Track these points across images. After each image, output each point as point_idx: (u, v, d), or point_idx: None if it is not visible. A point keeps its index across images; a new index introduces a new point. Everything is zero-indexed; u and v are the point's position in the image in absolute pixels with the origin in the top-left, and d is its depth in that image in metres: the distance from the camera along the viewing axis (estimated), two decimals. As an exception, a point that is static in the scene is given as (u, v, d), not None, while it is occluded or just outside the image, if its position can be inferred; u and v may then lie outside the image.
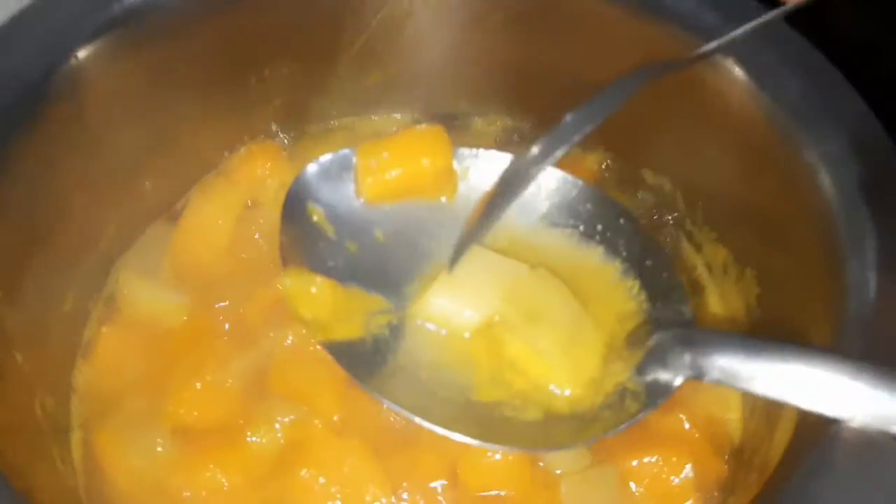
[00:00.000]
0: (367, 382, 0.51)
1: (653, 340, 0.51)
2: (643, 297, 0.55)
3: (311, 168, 0.59)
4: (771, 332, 0.59)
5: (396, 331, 0.54)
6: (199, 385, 0.59)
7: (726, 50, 0.55)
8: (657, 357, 0.50)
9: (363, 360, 0.52)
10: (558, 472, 0.56)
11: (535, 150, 0.50)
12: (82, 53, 0.56)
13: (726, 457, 0.57)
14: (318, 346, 0.53)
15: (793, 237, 0.56)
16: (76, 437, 0.59)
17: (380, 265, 0.57)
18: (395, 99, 0.73)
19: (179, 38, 0.60)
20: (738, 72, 0.56)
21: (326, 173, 0.59)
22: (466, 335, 0.54)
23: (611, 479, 0.56)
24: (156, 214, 0.68)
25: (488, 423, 0.50)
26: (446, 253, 0.55)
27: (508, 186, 0.52)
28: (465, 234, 0.54)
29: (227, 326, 0.63)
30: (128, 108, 0.60)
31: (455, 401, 0.51)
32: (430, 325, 0.55)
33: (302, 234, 0.56)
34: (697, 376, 0.47)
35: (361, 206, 0.59)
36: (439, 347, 0.54)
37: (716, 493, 0.56)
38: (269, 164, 0.70)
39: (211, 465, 0.56)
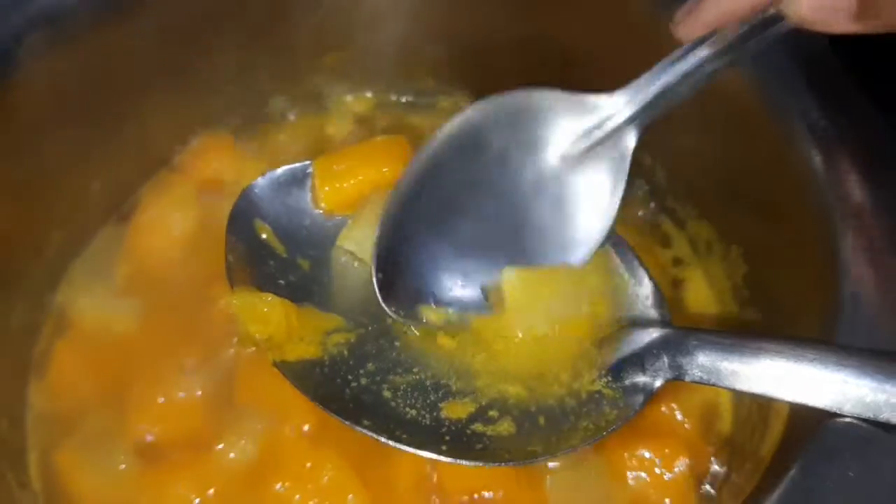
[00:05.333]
0: (327, 405, 0.49)
1: (629, 343, 0.50)
2: (616, 300, 0.53)
3: (259, 183, 0.56)
4: (760, 312, 0.57)
5: (355, 349, 0.52)
6: (161, 399, 0.56)
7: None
8: (634, 360, 0.49)
9: (322, 381, 0.50)
10: (551, 465, 0.54)
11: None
12: (13, 51, 0.53)
13: (719, 448, 0.56)
14: (277, 367, 0.50)
15: (781, 213, 0.54)
16: (33, 459, 0.57)
17: (334, 282, 0.55)
18: (355, 80, 0.71)
19: (114, 29, 0.57)
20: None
21: (274, 188, 0.56)
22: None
23: (599, 473, 0.54)
24: (105, 216, 0.65)
25: (460, 438, 0.48)
26: None
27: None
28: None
29: (187, 333, 0.60)
30: (65, 106, 0.57)
31: (423, 419, 0.49)
32: (395, 338, 0.53)
33: (250, 252, 0.54)
34: (678, 377, 0.46)
35: (313, 222, 0.57)
36: (404, 364, 0.52)
37: (708, 485, 0.55)
38: (224, 156, 0.68)
39: (179, 482, 0.54)
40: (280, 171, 0.57)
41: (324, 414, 0.55)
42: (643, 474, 0.54)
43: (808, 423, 0.44)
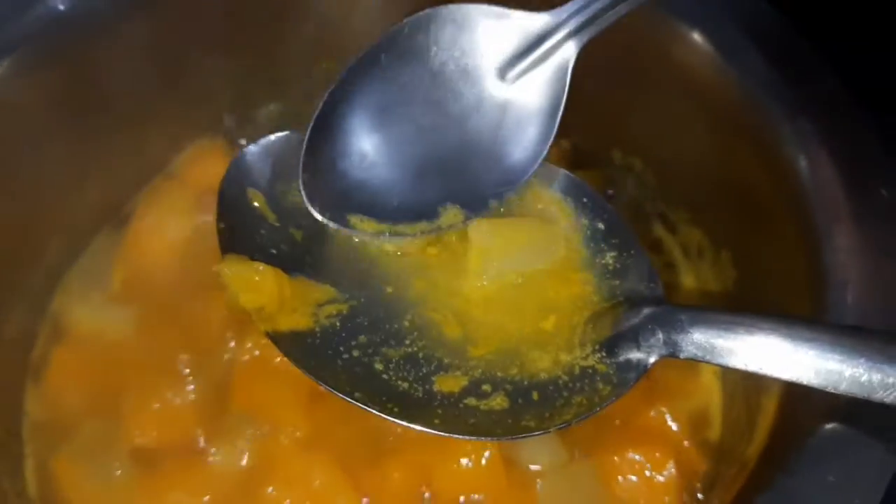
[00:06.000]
0: (320, 376, 0.47)
1: (623, 319, 0.49)
2: (611, 275, 0.52)
3: (251, 150, 0.55)
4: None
5: (347, 321, 0.50)
6: (156, 405, 0.57)
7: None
8: (628, 336, 0.47)
9: (313, 352, 0.49)
10: (533, 467, 0.55)
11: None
12: (6, 63, 0.53)
13: (708, 452, 0.56)
14: (269, 338, 0.49)
15: (768, 217, 0.54)
16: (30, 466, 0.57)
17: (327, 253, 0.53)
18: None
19: (107, 40, 0.57)
20: (703, 45, 0.54)
21: (267, 155, 0.55)
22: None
23: (589, 476, 0.55)
24: (101, 223, 0.65)
25: (452, 413, 0.47)
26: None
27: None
28: None
29: (183, 340, 0.60)
30: (62, 114, 0.57)
31: (416, 392, 0.48)
32: (386, 305, 0.51)
33: (241, 220, 0.52)
34: (672, 354, 0.45)
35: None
36: (396, 336, 0.50)
37: (697, 488, 0.55)
38: (219, 163, 0.66)
39: (174, 488, 0.54)
40: (273, 137, 0.55)
41: (317, 419, 0.56)
42: (633, 478, 0.54)
43: (793, 427, 0.45)
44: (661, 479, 0.54)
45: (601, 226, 0.54)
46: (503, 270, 0.52)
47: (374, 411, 0.46)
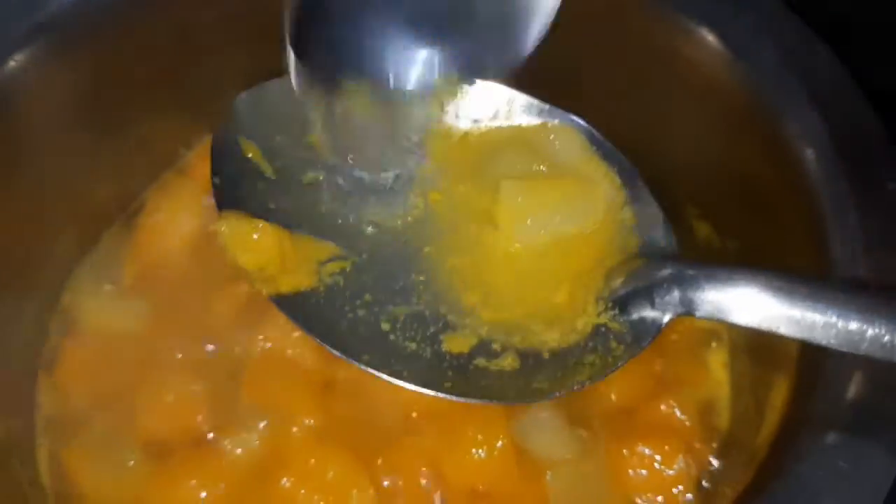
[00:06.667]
0: (326, 340, 0.46)
1: (637, 276, 0.47)
2: (626, 231, 0.50)
3: (242, 98, 0.52)
4: None
5: (351, 279, 0.48)
6: (168, 397, 0.57)
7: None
8: (642, 294, 0.46)
9: (318, 314, 0.47)
10: (543, 459, 0.55)
11: None
12: (18, 58, 0.53)
13: (717, 444, 0.57)
14: (272, 301, 0.47)
15: (776, 210, 0.54)
16: (43, 457, 0.57)
17: (328, 207, 0.51)
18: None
19: (120, 34, 0.57)
20: (711, 40, 0.55)
21: (261, 103, 0.52)
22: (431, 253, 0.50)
23: (599, 469, 0.55)
24: (112, 218, 0.65)
25: (463, 375, 0.46)
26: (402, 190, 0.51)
27: None
28: None
29: (193, 332, 0.60)
30: (73, 110, 0.57)
31: (424, 353, 0.47)
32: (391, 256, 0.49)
33: (236, 174, 0.49)
34: (687, 312, 0.43)
35: (306, 141, 0.52)
36: (402, 293, 0.48)
37: (706, 480, 0.55)
38: None
39: (187, 478, 0.55)
40: (267, 83, 0.52)
41: (329, 409, 0.56)
42: (643, 471, 0.54)
43: (803, 416, 0.45)
44: (670, 472, 0.54)
45: (618, 179, 0.52)
46: (532, 231, 0.50)
47: (382, 376, 0.45)
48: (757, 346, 0.57)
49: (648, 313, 0.46)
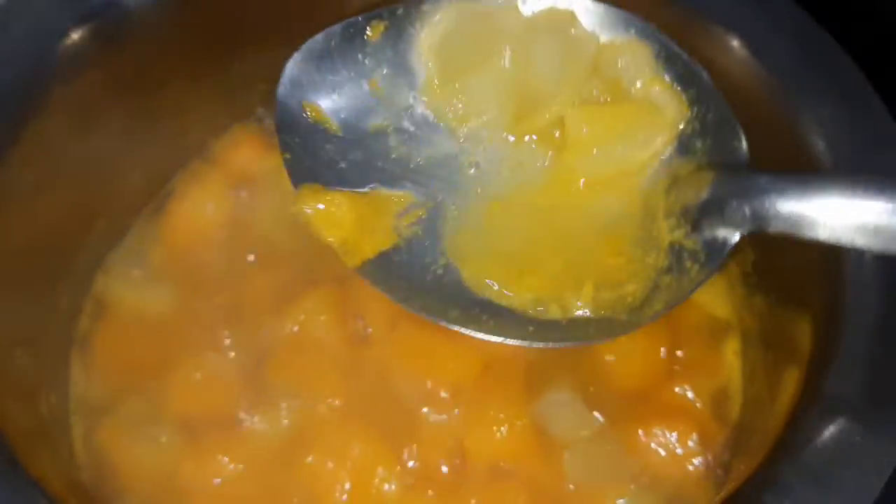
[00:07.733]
0: (409, 303, 0.45)
1: (707, 190, 0.44)
2: (694, 136, 0.48)
3: (295, 60, 0.51)
4: (768, 296, 0.59)
5: (429, 227, 0.48)
6: (198, 377, 0.59)
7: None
8: (712, 209, 0.43)
9: (402, 272, 0.46)
10: (561, 438, 0.56)
11: None
12: (61, 48, 0.54)
13: (729, 427, 0.58)
14: (360, 274, 0.47)
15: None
16: (78, 434, 0.59)
17: (397, 151, 0.50)
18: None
19: (159, 26, 0.58)
20: (730, 39, 0.56)
21: (317, 60, 0.51)
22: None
23: (615, 449, 0.56)
24: (142, 205, 0.67)
25: (542, 322, 0.45)
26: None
27: None
28: None
29: (221, 315, 0.62)
30: (110, 99, 0.58)
31: (501, 301, 0.46)
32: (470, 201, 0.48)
33: (303, 141, 0.49)
34: (759, 229, 0.41)
35: (368, 89, 0.51)
36: (483, 232, 0.47)
37: (719, 467, 0.56)
38: (255, 148, 0.69)
39: (219, 455, 0.56)
40: (313, 40, 0.51)
41: (354, 389, 0.58)
42: (659, 449, 0.56)
43: (816, 399, 0.46)
44: (683, 451, 0.55)
45: (684, 96, 0.49)
46: (599, 162, 0.48)
47: (471, 332, 0.44)
48: (769, 334, 0.58)
49: (720, 231, 0.43)
